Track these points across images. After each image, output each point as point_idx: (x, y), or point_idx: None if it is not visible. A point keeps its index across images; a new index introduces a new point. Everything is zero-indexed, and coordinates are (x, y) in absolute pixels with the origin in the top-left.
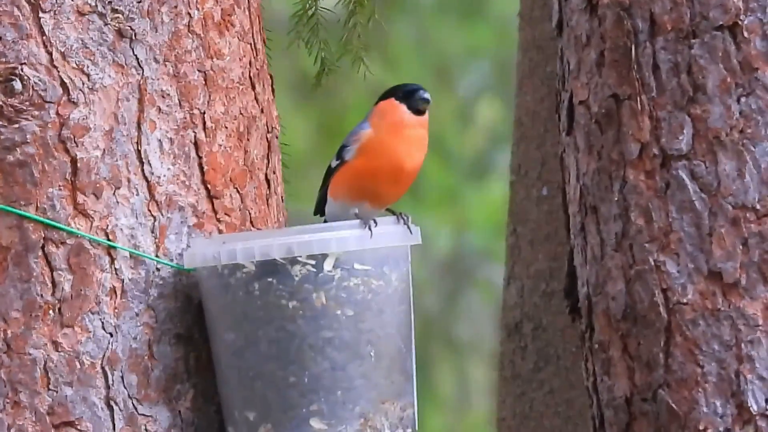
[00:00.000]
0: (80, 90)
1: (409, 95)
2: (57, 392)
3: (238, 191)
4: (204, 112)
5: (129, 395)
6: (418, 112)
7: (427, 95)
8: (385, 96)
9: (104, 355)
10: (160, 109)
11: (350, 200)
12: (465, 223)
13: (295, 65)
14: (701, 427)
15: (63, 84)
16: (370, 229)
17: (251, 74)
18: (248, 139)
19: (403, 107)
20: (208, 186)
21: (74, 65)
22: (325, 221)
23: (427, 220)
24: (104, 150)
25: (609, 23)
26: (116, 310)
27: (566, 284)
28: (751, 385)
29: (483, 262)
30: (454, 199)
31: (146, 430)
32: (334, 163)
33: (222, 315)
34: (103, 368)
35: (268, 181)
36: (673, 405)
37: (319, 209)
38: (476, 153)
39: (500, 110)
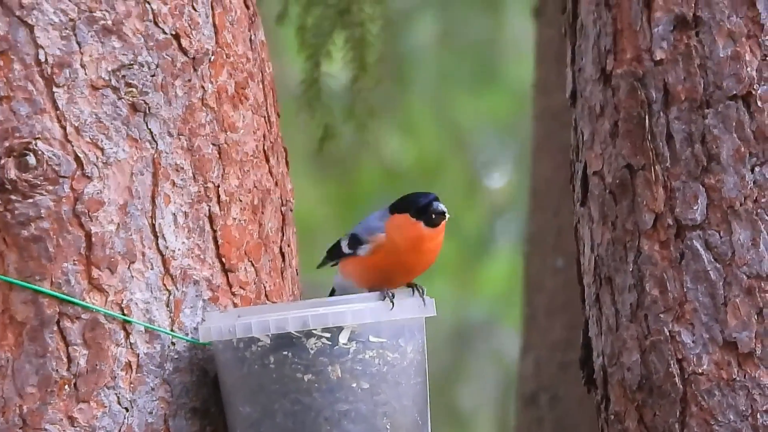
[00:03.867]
0: (94, 164)
1: (423, 211)
2: None
3: (252, 265)
4: (218, 186)
5: None
6: (435, 224)
7: (441, 207)
8: (400, 208)
9: (120, 430)
10: (174, 183)
11: (361, 286)
12: (473, 292)
13: (311, 136)
14: None
15: (77, 158)
16: (391, 301)
17: (265, 147)
18: (263, 213)
19: (420, 224)
20: (223, 259)
21: (88, 139)
22: (333, 290)
23: (439, 289)
24: (119, 224)
25: (623, 93)
26: (132, 385)
27: (581, 355)
28: None
29: (490, 331)
30: (462, 267)
31: None
32: (347, 250)
33: (238, 388)
34: None
35: (282, 254)
36: None
37: (325, 262)
38: (486, 222)
39: (515, 181)
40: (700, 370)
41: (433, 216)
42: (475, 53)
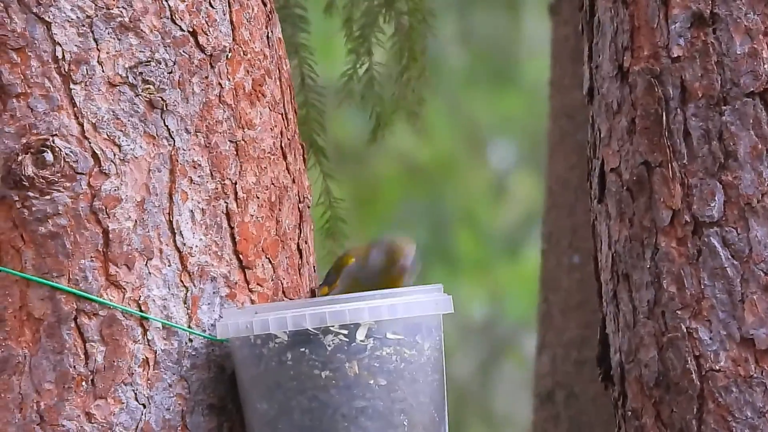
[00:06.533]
0: (111, 161)
1: None
2: None
3: (270, 261)
4: (235, 183)
5: None
6: None
7: None
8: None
9: (137, 427)
10: (191, 180)
11: None
12: (500, 293)
13: (328, 134)
14: None
15: (94, 155)
16: None
17: (282, 144)
18: (280, 209)
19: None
20: (240, 256)
21: (105, 136)
22: None
23: (462, 290)
24: (136, 221)
25: (640, 90)
26: (149, 381)
27: (598, 352)
28: None
29: (518, 332)
30: (488, 269)
31: None
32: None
33: (255, 385)
34: None
35: (300, 251)
36: None
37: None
38: (510, 224)
39: (534, 181)
40: (717, 367)
41: None
42: (493, 52)
